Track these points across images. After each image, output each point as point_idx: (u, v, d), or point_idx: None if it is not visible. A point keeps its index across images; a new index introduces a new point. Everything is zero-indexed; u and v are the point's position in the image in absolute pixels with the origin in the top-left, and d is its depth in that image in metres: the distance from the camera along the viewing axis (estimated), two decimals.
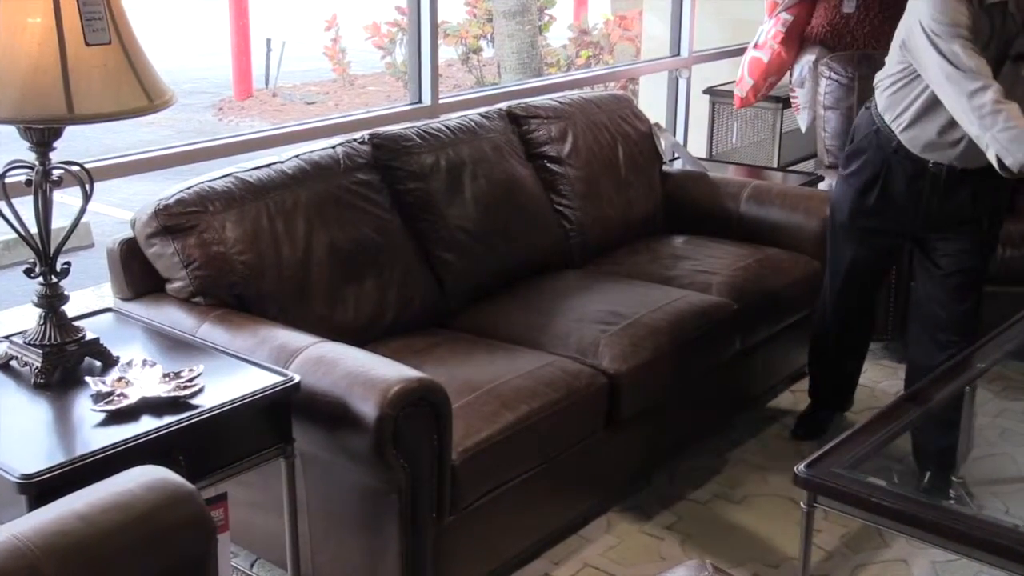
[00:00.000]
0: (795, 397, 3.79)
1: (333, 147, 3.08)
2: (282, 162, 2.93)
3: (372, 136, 3.17)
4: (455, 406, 2.44)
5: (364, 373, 2.31)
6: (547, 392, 2.70)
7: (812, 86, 4.69)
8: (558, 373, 2.78)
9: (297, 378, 2.24)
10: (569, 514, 2.91)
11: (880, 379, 3.91)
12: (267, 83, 12.51)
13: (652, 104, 5.44)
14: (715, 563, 1.90)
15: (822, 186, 4.27)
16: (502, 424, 2.56)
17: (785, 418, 3.65)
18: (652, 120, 4.14)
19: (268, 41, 12.46)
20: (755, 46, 4.93)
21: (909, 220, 3.12)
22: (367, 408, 2.24)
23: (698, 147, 5.29)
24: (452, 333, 3.05)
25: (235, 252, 2.69)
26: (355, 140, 3.14)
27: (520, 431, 2.59)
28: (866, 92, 4.29)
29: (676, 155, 4.35)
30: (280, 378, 2.24)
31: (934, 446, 3.04)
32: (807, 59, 4.84)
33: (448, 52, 10.59)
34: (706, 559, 1.92)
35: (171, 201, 2.68)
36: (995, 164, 2.75)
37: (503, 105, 3.66)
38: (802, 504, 2.31)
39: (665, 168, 4.09)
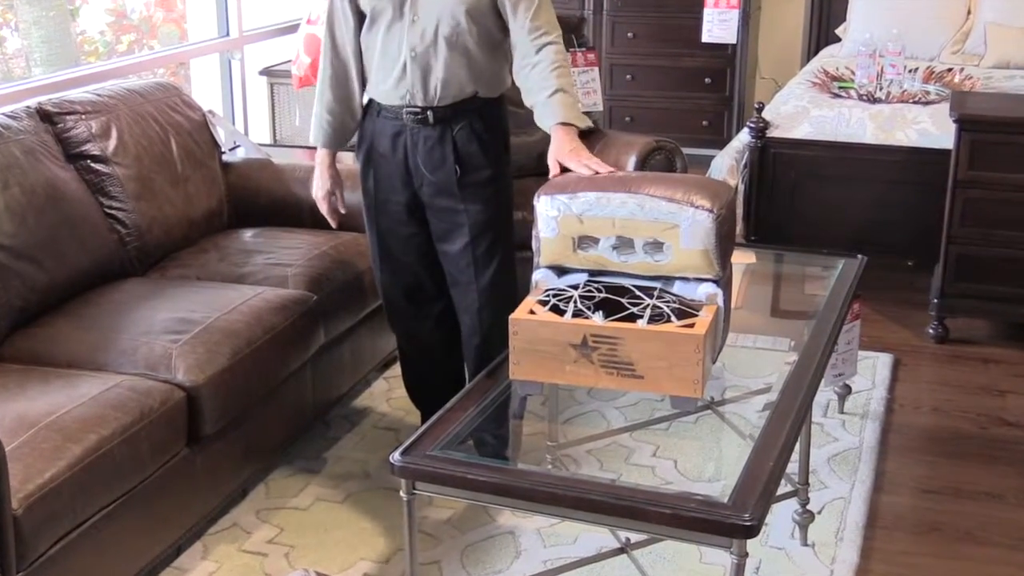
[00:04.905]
0: (388, 384, 3.72)
1: None
2: None
3: None
4: (9, 448, 2.19)
5: None
6: (116, 417, 2.46)
7: None
8: (127, 394, 2.54)
9: None
10: (160, 546, 2.66)
11: None
12: None
13: (207, 90, 5.16)
14: (321, 571, 1.78)
15: None
16: (68, 460, 2.31)
17: (380, 407, 3.57)
18: (206, 108, 3.91)
19: None
20: (308, 22, 4.81)
21: (402, 185, 2.90)
22: None
23: (261, 132, 5.10)
24: None
25: None
26: None
27: (90, 464, 2.35)
28: None
29: (236, 143, 4.13)
30: None
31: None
32: None
33: None
34: (312, 568, 1.79)
35: None
36: None
37: (32, 102, 3.28)
38: (402, 494, 2.22)
39: (226, 158, 3.86)
